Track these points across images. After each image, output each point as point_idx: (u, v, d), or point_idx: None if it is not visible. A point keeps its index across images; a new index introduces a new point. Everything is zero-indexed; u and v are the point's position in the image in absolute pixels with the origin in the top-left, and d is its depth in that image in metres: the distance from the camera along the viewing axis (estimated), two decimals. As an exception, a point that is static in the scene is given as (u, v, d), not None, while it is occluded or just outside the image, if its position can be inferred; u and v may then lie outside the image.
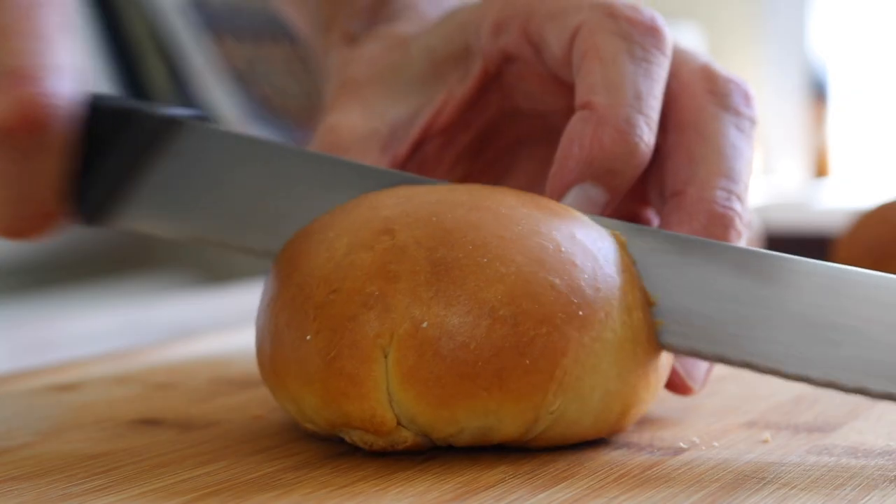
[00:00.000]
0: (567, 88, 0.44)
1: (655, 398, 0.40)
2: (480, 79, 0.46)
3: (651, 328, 0.38)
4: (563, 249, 0.37)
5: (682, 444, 0.39)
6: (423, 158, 0.47)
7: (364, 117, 0.47)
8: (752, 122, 0.43)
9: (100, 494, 0.34)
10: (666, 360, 0.40)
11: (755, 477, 0.35)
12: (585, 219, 0.39)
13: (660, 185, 0.44)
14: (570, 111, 0.43)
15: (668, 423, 0.42)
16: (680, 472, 0.36)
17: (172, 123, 0.44)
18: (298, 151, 0.44)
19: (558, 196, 0.41)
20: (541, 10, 0.43)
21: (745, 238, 0.42)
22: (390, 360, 0.35)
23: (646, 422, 0.41)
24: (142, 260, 1.38)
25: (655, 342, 0.38)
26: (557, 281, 0.36)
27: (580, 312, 0.36)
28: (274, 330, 0.37)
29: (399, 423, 0.36)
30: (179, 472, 0.36)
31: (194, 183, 0.44)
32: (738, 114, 0.42)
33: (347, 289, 0.36)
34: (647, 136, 0.41)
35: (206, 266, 1.27)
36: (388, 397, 0.36)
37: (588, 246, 0.37)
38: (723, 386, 0.48)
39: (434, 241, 0.36)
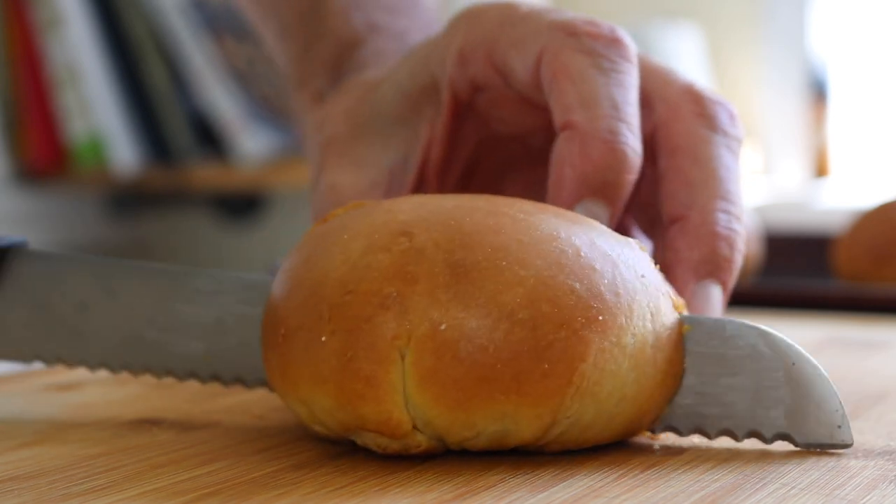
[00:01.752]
0: (540, 109, 0.45)
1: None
2: (452, 110, 0.46)
3: (676, 334, 0.38)
4: (582, 254, 0.36)
5: (682, 444, 0.39)
6: None
7: (360, 171, 0.48)
8: (740, 141, 0.44)
9: (100, 494, 0.34)
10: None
11: (755, 477, 0.35)
12: (605, 227, 0.39)
13: (649, 206, 0.46)
14: (547, 129, 0.44)
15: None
16: (680, 472, 0.36)
17: None
18: (126, 266, 0.44)
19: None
20: (502, 38, 0.44)
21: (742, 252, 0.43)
22: (407, 362, 0.35)
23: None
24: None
25: (680, 348, 0.38)
26: (577, 285, 0.36)
27: (600, 317, 0.36)
28: (284, 331, 0.37)
29: (414, 427, 0.36)
30: (179, 472, 0.36)
31: (23, 306, 0.44)
32: (726, 135, 0.43)
33: (364, 290, 0.36)
34: (633, 141, 0.41)
35: (205, 266, 1.27)
36: (404, 400, 0.35)
37: (608, 252, 0.37)
38: (723, 386, 0.48)
39: (453, 244, 0.36)
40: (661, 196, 0.43)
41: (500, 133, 0.48)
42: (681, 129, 0.43)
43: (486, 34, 0.45)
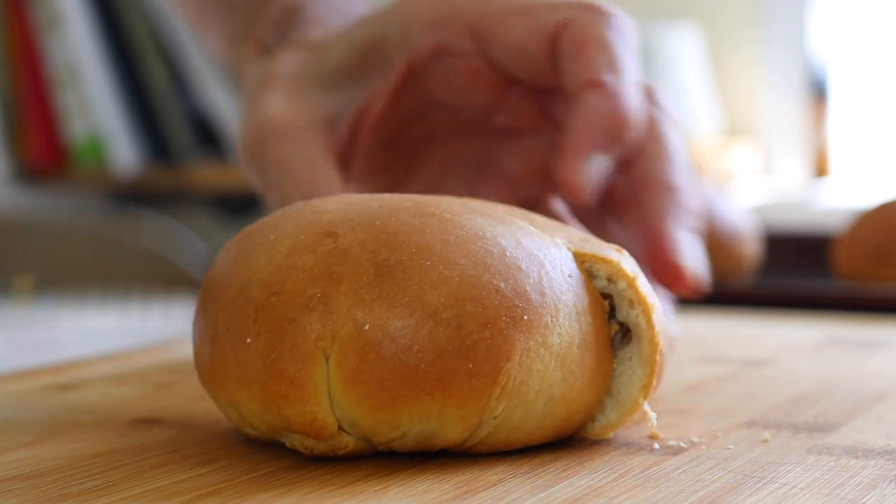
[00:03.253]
0: (498, 84, 0.49)
1: (612, 403, 0.39)
2: (404, 71, 0.49)
3: (604, 334, 0.38)
4: (508, 254, 0.36)
5: (682, 444, 0.39)
6: (344, 150, 0.50)
7: (301, 107, 0.50)
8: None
9: (100, 494, 0.34)
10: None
11: (755, 477, 0.35)
12: (532, 228, 0.39)
13: (623, 213, 0.48)
14: (489, 109, 0.49)
15: (669, 423, 0.42)
16: (680, 472, 0.36)
17: None
18: None
19: (578, 164, 0.45)
20: (493, 8, 0.48)
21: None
22: (331, 363, 0.35)
23: (646, 421, 0.41)
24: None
25: (609, 348, 0.38)
26: (502, 285, 0.36)
27: (525, 317, 0.35)
28: (213, 334, 0.37)
29: (340, 428, 0.36)
30: (179, 471, 0.36)
31: None
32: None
33: (288, 291, 0.35)
34: (641, 106, 0.46)
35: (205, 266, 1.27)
36: (329, 401, 0.35)
37: (534, 252, 0.37)
38: (723, 386, 0.48)
39: (377, 244, 0.36)
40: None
41: (439, 102, 0.50)
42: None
43: (467, 8, 0.48)
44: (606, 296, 0.39)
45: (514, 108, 0.49)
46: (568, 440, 0.39)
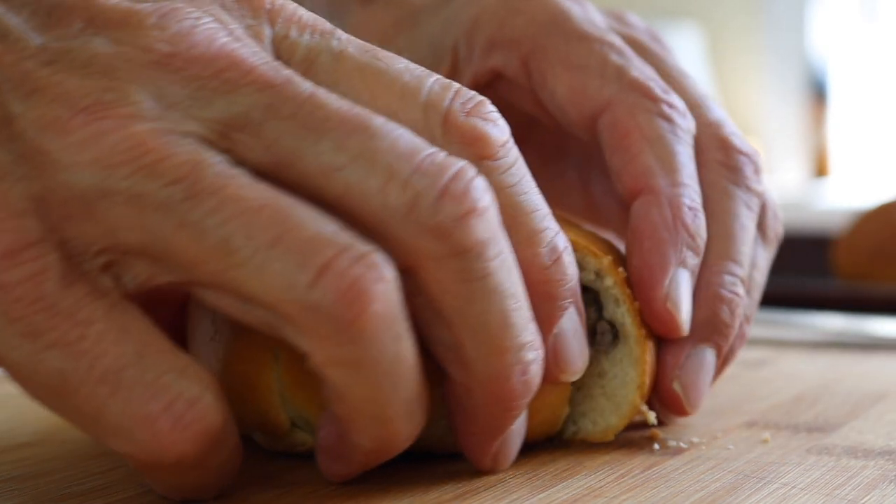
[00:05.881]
0: (545, 116, 0.44)
1: None
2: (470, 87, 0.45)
3: None
4: None
5: (682, 444, 0.39)
6: None
7: None
8: (760, 199, 0.43)
9: (100, 494, 0.34)
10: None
11: (755, 477, 0.35)
12: None
13: None
14: (554, 130, 0.43)
15: (668, 423, 0.42)
16: (680, 472, 0.36)
17: None
18: None
19: (660, 288, 0.39)
20: (550, 49, 0.43)
21: (745, 317, 0.42)
22: (281, 363, 0.35)
23: (645, 422, 0.41)
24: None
25: None
26: None
27: None
28: (183, 334, 0.38)
29: (294, 425, 0.36)
30: (179, 472, 0.36)
31: None
32: (748, 190, 0.42)
33: None
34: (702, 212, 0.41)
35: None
36: (281, 400, 0.36)
37: None
38: (723, 386, 0.48)
39: None
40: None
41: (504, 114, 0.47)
42: (703, 176, 0.42)
43: (527, 35, 0.43)
44: (591, 290, 0.39)
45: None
46: (568, 441, 0.39)
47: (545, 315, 0.34)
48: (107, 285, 0.30)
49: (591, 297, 0.39)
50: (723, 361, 0.41)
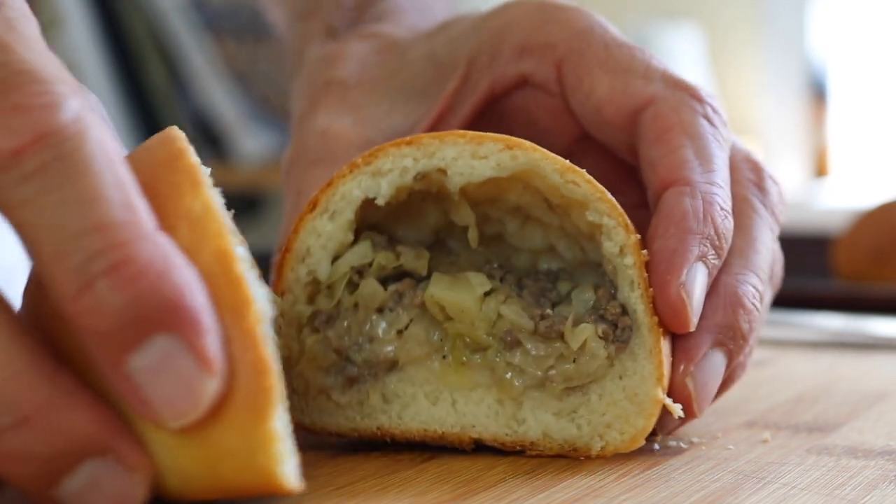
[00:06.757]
0: (580, 135, 0.44)
1: None
2: (485, 98, 0.45)
3: None
4: None
5: (682, 445, 0.39)
6: None
7: (358, 125, 0.46)
8: (779, 229, 0.44)
9: (100, 494, 0.34)
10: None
11: (755, 477, 0.35)
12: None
13: None
14: (568, 154, 0.42)
15: (674, 430, 0.42)
16: (680, 472, 0.36)
17: None
18: None
19: (682, 273, 0.38)
20: (588, 53, 0.43)
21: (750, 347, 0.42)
22: None
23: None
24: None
25: None
26: None
27: None
28: None
29: None
30: (179, 472, 0.36)
31: None
32: (773, 215, 0.43)
33: None
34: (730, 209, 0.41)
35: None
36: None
37: None
38: (723, 386, 0.48)
39: None
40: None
41: (512, 129, 0.46)
42: (736, 191, 0.42)
43: (565, 40, 0.44)
44: (607, 276, 0.39)
45: (594, 164, 0.43)
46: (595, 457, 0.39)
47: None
48: None
49: (607, 282, 0.39)
50: (726, 378, 0.40)
